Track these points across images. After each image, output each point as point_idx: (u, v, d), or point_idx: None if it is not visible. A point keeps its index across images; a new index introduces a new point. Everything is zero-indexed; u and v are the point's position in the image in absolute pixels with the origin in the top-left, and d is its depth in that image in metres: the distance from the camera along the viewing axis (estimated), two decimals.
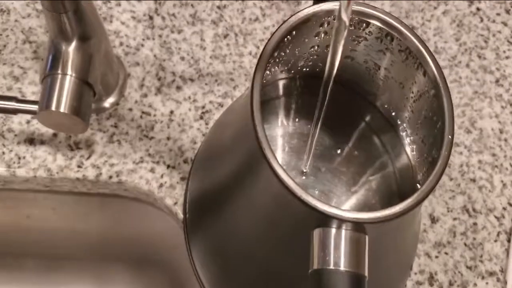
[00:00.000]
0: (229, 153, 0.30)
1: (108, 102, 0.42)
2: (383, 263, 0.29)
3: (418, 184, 0.29)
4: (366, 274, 0.23)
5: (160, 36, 0.45)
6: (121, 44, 0.44)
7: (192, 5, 0.46)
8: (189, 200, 0.36)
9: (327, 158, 0.35)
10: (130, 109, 0.42)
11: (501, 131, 0.45)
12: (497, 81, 0.47)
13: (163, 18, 0.46)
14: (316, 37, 0.29)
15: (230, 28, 0.46)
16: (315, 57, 0.31)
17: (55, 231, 0.51)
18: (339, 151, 0.35)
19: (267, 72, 0.32)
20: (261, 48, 0.43)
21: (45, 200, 0.45)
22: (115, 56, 0.42)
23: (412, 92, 0.30)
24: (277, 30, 0.26)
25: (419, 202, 0.24)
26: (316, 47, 0.30)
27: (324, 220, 0.23)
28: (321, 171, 0.35)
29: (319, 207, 0.22)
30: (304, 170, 0.33)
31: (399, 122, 0.33)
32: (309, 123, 0.35)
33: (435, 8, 0.49)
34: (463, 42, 0.48)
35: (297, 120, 0.35)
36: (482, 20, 0.49)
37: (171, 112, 0.43)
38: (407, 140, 0.32)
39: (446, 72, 0.47)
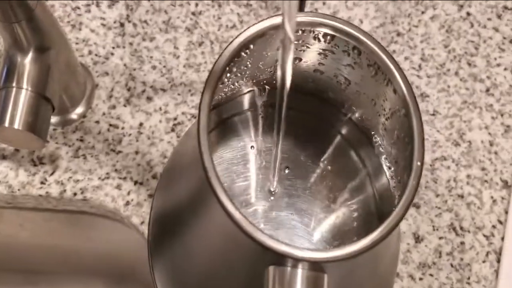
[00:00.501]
0: (188, 175, 0.28)
1: (75, 114, 0.40)
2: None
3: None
4: None
5: (131, 44, 0.42)
6: (90, 52, 0.42)
7: (165, 11, 0.44)
8: (152, 220, 0.33)
9: (303, 176, 0.33)
10: (97, 122, 0.40)
11: (491, 144, 0.42)
12: (487, 90, 0.44)
13: (135, 25, 0.43)
14: (279, 50, 0.26)
15: (206, 35, 0.43)
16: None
17: (26, 246, 0.48)
18: (315, 168, 0.33)
19: (232, 86, 0.29)
20: None
21: (11, 215, 0.43)
22: (81, 66, 0.40)
23: (384, 110, 0.27)
24: (227, 46, 0.23)
25: (382, 239, 0.21)
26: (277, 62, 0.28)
27: (277, 258, 0.21)
28: (296, 190, 0.32)
29: (269, 245, 0.20)
30: (272, 190, 0.30)
31: (375, 139, 0.30)
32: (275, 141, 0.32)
33: (422, 12, 0.47)
34: (452, 48, 0.46)
35: (267, 136, 0.33)
36: (472, 26, 0.47)
37: (141, 124, 0.40)
38: (383, 159, 0.29)
39: (434, 80, 0.44)
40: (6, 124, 0.30)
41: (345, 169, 0.33)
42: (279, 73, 0.23)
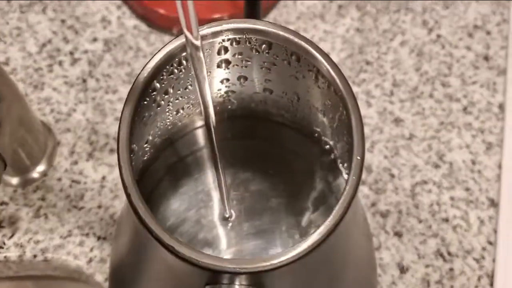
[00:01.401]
0: (128, 218, 0.26)
1: (36, 172, 0.38)
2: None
3: None
4: None
5: (93, 98, 0.42)
6: (52, 111, 0.41)
7: (128, 63, 0.43)
8: (110, 275, 0.31)
9: (263, 198, 0.30)
10: (59, 179, 0.39)
11: (473, 162, 0.40)
12: (464, 109, 0.42)
13: (97, 80, 0.42)
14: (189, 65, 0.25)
15: None
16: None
17: None
18: (275, 190, 0.31)
19: (176, 112, 0.28)
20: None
21: None
22: (41, 124, 0.39)
23: (333, 119, 0.25)
24: (152, 56, 0.22)
25: (318, 243, 0.19)
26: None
27: (211, 276, 0.18)
28: (257, 213, 0.30)
29: (198, 260, 0.18)
30: (227, 216, 0.28)
31: (334, 152, 0.28)
32: (237, 166, 0.31)
33: (391, 40, 0.46)
34: (424, 71, 0.44)
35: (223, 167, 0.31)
36: (443, 47, 0.45)
37: (103, 177, 0.38)
38: (340, 165, 0.27)
39: (407, 104, 0.42)
40: None
41: (307, 186, 0.31)
42: (198, 91, 0.22)
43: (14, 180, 0.38)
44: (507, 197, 0.39)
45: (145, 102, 0.23)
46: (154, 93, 0.24)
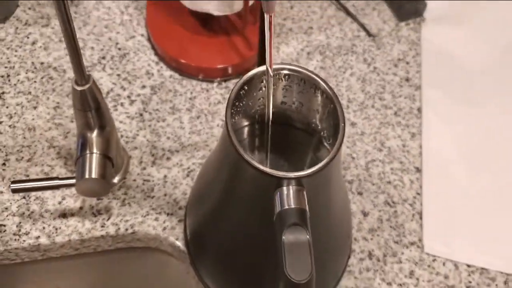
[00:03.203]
0: (213, 172, 0.43)
1: (116, 179, 0.55)
2: (330, 201, 0.40)
3: None
4: (307, 209, 0.34)
5: (149, 125, 0.59)
6: (122, 136, 0.58)
7: (170, 100, 0.61)
8: (189, 226, 0.48)
9: (286, 152, 0.48)
10: (134, 180, 0.56)
11: (403, 146, 0.59)
12: (395, 113, 0.62)
13: (150, 113, 0.60)
14: (260, 91, 0.41)
15: (201, 111, 0.60)
16: (262, 106, 0.44)
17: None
18: (291, 150, 0.48)
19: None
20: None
21: (70, 269, 0.56)
22: (121, 144, 0.56)
23: (323, 113, 0.43)
24: (234, 85, 0.39)
25: (329, 162, 0.35)
26: (261, 98, 0.41)
27: (278, 183, 0.35)
28: (283, 158, 0.47)
29: (274, 173, 0.35)
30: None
31: (322, 133, 0.45)
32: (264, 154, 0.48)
33: (344, 72, 0.65)
34: (367, 91, 0.63)
35: (256, 152, 0.48)
36: (378, 74, 0.65)
37: (165, 176, 0.56)
38: (324, 139, 0.44)
39: (358, 113, 0.61)
40: (87, 176, 0.46)
41: (306, 148, 0.47)
42: (266, 100, 0.39)
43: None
44: (426, 166, 0.58)
45: (236, 102, 0.39)
46: (242, 92, 0.39)
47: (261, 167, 0.35)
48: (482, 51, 0.66)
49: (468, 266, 0.52)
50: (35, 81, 0.61)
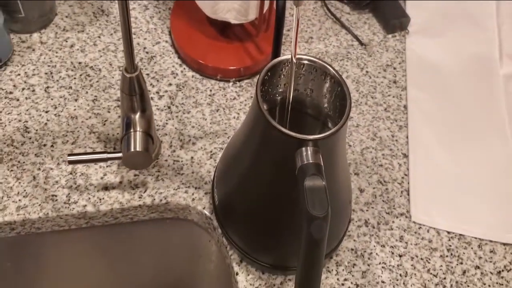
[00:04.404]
0: (240, 144, 0.49)
1: (153, 157, 0.63)
2: (337, 166, 0.46)
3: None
4: (322, 163, 0.41)
5: (177, 116, 0.67)
6: None
7: (193, 96, 0.69)
8: (217, 193, 0.55)
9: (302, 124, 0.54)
10: (166, 160, 0.63)
11: (392, 136, 0.68)
12: (385, 109, 0.71)
13: (177, 106, 0.68)
14: (279, 78, 0.48)
15: (219, 105, 0.69)
16: (281, 92, 0.50)
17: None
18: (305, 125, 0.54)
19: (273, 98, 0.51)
20: (241, 114, 0.66)
21: (101, 239, 0.63)
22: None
23: (331, 96, 0.50)
24: (261, 72, 0.46)
25: (339, 129, 0.42)
26: (279, 86, 0.47)
27: (299, 144, 0.42)
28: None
29: (297, 136, 0.42)
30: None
31: (329, 113, 0.52)
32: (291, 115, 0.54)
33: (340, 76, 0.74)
34: (361, 91, 0.72)
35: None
36: (370, 77, 0.74)
37: (192, 157, 0.64)
38: (330, 123, 0.52)
39: (353, 109, 0.70)
40: (132, 149, 0.54)
41: (314, 129, 0.55)
42: (288, 85, 0.47)
43: None
44: (412, 152, 0.67)
45: (262, 86, 0.46)
46: (266, 77, 0.46)
47: (286, 130, 0.43)
48: (455, 59, 0.76)
49: (448, 232, 0.60)
50: (74, 78, 0.68)
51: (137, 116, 0.54)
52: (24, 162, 0.60)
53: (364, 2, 0.78)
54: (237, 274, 0.55)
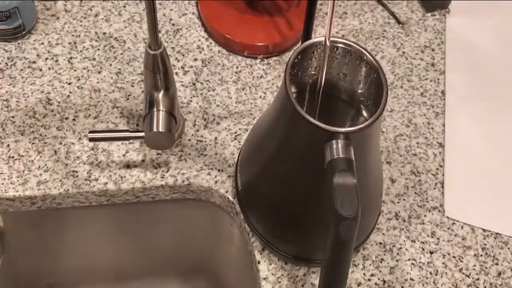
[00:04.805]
0: (266, 130, 0.47)
1: (176, 135, 0.60)
2: (369, 160, 0.44)
3: None
4: (353, 158, 0.39)
5: (201, 94, 0.64)
6: None
7: (219, 73, 0.66)
8: (240, 177, 0.53)
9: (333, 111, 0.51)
10: (189, 140, 0.61)
11: (428, 123, 0.64)
12: (421, 94, 0.66)
13: (202, 83, 0.65)
14: (310, 61, 0.45)
15: (245, 83, 0.65)
16: (312, 76, 0.47)
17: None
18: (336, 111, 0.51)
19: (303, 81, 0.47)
20: (268, 93, 0.63)
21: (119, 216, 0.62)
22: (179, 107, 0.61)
23: (365, 83, 0.46)
24: (292, 53, 0.43)
25: (373, 122, 0.39)
26: (310, 69, 0.45)
27: (329, 136, 0.39)
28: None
29: (327, 127, 0.39)
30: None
31: (362, 99, 0.48)
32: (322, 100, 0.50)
33: (375, 55, 0.69)
34: (396, 73, 0.68)
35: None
36: (407, 59, 0.69)
37: (215, 138, 0.61)
38: (364, 110, 0.48)
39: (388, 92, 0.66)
40: (154, 129, 0.51)
41: (345, 115, 0.51)
42: (320, 68, 0.43)
43: None
44: (448, 142, 0.63)
45: (291, 69, 0.43)
46: (296, 60, 0.43)
47: (315, 121, 0.40)
48: (499, 42, 0.71)
49: (484, 230, 0.57)
50: (98, 49, 0.66)
51: (161, 94, 0.51)
52: (45, 136, 0.58)
53: None
54: (258, 262, 0.52)
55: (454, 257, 0.55)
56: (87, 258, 0.69)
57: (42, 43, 0.65)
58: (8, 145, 0.57)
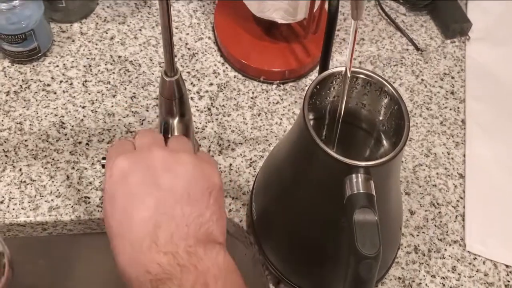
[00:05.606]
0: (284, 159, 0.45)
1: None
2: (390, 195, 0.43)
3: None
4: (374, 193, 0.37)
5: (216, 119, 0.63)
6: None
7: (234, 98, 0.65)
8: (256, 207, 0.51)
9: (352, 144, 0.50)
10: None
11: (448, 153, 0.62)
12: (441, 123, 0.64)
13: (217, 108, 0.64)
14: (328, 90, 0.44)
15: (261, 109, 0.64)
16: (330, 104, 0.46)
17: None
18: (356, 143, 0.50)
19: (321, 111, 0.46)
20: (284, 120, 0.61)
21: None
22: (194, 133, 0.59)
23: (386, 114, 0.44)
24: (310, 83, 0.41)
25: (394, 156, 0.38)
26: (328, 98, 0.44)
27: (349, 170, 0.38)
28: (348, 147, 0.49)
29: (347, 161, 0.37)
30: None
31: (383, 129, 0.47)
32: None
33: (393, 82, 0.68)
34: (415, 101, 0.66)
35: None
36: (426, 86, 0.68)
37: (230, 164, 0.59)
38: (384, 140, 0.47)
39: None
40: None
41: (364, 146, 0.49)
42: (340, 97, 0.42)
43: None
44: (469, 173, 0.61)
45: (311, 98, 0.42)
46: (314, 90, 0.42)
47: (335, 155, 0.38)
48: None
49: (507, 266, 0.54)
50: (113, 72, 0.65)
51: (176, 121, 0.50)
52: (58, 160, 0.57)
53: (422, 3, 0.72)
54: None
55: None
56: (98, 283, 0.67)
57: (57, 66, 0.64)
58: (20, 169, 0.56)
